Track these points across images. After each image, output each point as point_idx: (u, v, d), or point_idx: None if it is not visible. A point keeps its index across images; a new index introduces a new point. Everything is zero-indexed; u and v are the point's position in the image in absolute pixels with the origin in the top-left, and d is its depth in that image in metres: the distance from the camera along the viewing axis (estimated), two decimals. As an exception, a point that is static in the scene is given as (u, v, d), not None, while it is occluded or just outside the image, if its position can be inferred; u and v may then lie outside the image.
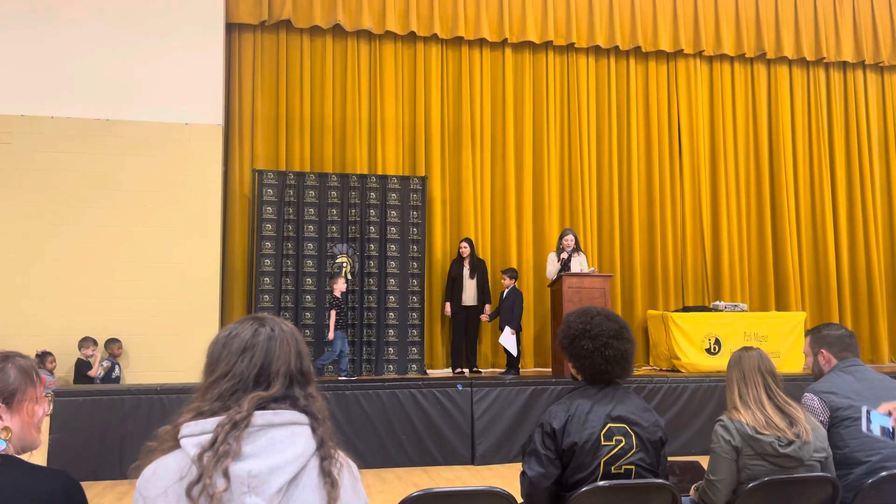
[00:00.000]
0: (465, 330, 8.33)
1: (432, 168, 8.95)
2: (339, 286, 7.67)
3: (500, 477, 6.00)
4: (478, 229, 8.98)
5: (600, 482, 2.36)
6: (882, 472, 2.69)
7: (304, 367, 1.55)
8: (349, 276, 8.23)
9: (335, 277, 7.81)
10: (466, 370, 8.29)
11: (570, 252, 7.84)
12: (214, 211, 8.03)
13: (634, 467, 2.41)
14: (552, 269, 7.95)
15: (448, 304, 8.36)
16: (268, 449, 1.40)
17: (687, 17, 9.61)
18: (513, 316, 7.81)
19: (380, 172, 8.75)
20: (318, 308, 8.19)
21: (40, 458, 5.76)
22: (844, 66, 10.15)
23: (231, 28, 8.64)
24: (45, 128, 7.70)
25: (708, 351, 8.13)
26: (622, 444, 2.40)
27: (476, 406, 6.70)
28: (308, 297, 8.19)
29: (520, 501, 2.46)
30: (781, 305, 9.52)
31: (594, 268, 8.18)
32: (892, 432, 2.42)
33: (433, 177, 8.91)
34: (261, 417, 1.42)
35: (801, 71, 10.05)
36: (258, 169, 8.37)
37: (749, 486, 2.56)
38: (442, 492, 2.38)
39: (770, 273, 9.61)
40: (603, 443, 2.39)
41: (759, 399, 2.67)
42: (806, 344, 3.30)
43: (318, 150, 8.79)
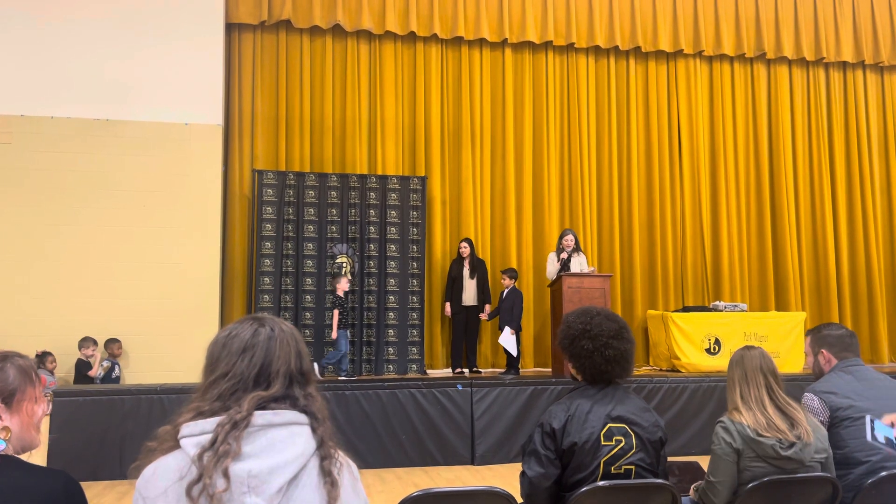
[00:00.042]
0: (464, 330, 8.33)
1: (432, 168, 8.95)
2: (341, 286, 7.68)
3: (500, 477, 5.99)
4: (478, 229, 8.97)
5: (600, 482, 2.36)
6: (882, 472, 2.68)
7: (303, 366, 1.55)
8: (350, 276, 8.22)
9: (338, 277, 7.82)
10: (466, 370, 8.29)
11: (570, 252, 7.84)
12: (214, 211, 8.03)
13: (634, 467, 2.41)
14: (552, 269, 7.95)
15: (448, 305, 8.36)
16: (268, 449, 1.40)
17: (687, 17, 9.61)
18: (512, 316, 7.81)
19: (380, 172, 8.75)
20: (317, 308, 8.19)
21: (40, 458, 5.76)
22: (844, 66, 10.15)
23: (231, 28, 8.64)
24: (45, 128, 7.70)
25: (708, 351, 8.13)
26: (622, 444, 2.40)
27: (476, 406, 6.69)
28: (308, 297, 8.19)
29: (519, 501, 2.45)
30: (781, 305, 9.52)
31: (594, 267, 8.18)
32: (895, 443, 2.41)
33: (433, 177, 8.91)
34: (261, 417, 1.42)
35: (801, 71, 10.05)
36: (258, 169, 8.38)
37: (749, 486, 2.55)
38: (442, 492, 2.38)
39: (770, 273, 9.61)
40: (603, 443, 2.39)
41: (761, 399, 2.66)
42: (806, 343, 3.30)
43: (317, 150, 8.79)
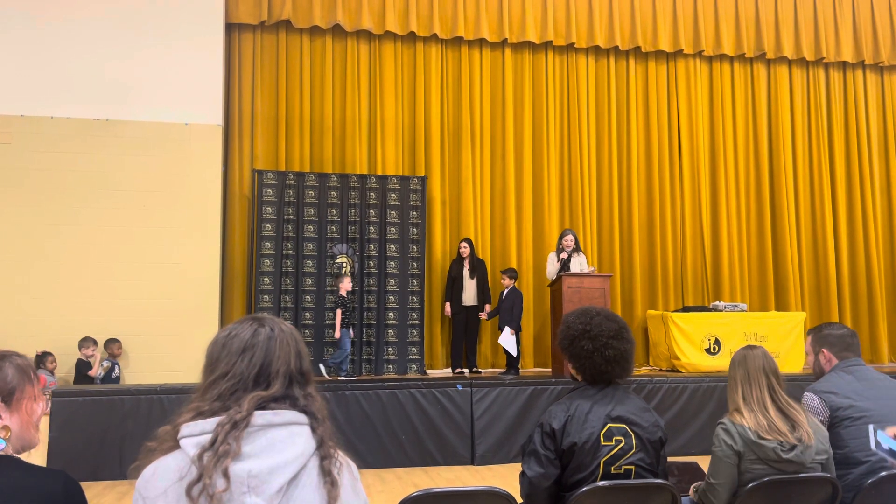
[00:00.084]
0: (464, 330, 8.32)
1: (432, 168, 8.95)
2: (344, 285, 7.70)
3: (500, 477, 6.00)
4: (477, 229, 8.97)
5: (600, 482, 2.36)
6: (882, 472, 2.68)
7: (303, 366, 1.55)
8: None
9: (341, 277, 7.83)
10: (466, 370, 8.29)
11: (570, 252, 7.84)
12: (214, 211, 8.03)
13: (634, 467, 2.41)
14: (552, 269, 7.95)
15: (448, 305, 8.36)
16: (268, 449, 1.40)
17: (686, 17, 9.61)
18: (512, 316, 7.81)
19: (379, 172, 8.75)
20: (317, 308, 8.19)
21: (40, 458, 5.76)
22: (844, 66, 10.15)
23: (231, 28, 8.64)
24: (45, 128, 7.70)
25: (708, 351, 8.13)
26: (622, 444, 2.40)
27: (476, 406, 6.69)
28: (308, 297, 8.19)
29: (519, 501, 2.45)
30: (781, 305, 9.52)
31: (594, 267, 8.18)
32: None
33: (433, 177, 8.91)
34: (260, 417, 1.42)
35: (801, 71, 10.05)
36: (258, 169, 8.37)
37: (749, 486, 2.55)
38: (442, 492, 2.38)
39: (770, 273, 9.61)
40: (602, 443, 2.39)
41: (763, 400, 2.64)
42: (807, 343, 3.29)
43: (317, 151, 8.79)
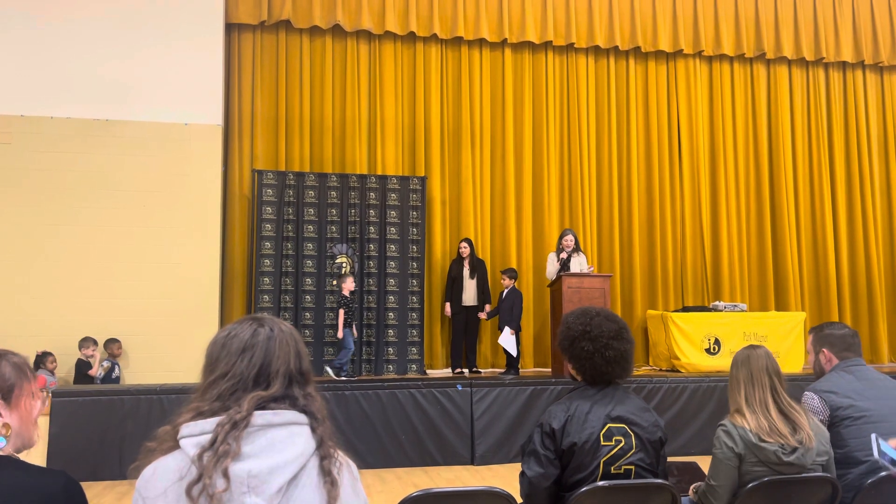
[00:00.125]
0: (464, 330, 8.32)
1: (432, 168, 8.95)
2: (347, 285, 7.71)
3: (500, 477, 6.00)
4: (477, 229, 8.97)
5: (600, 482, 2.36)
6: (882, 472, 2.68)
7: (303, 366, 1.55)
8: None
9: (344, 277, 7.84)
10: (466, 370, 8.28)
11: (570, 252, 7.84)
12: (214, 211, 8.03)
13: (634, 467, 2.41)
14: (552, 269, 7.95)
15: (448, 305, 8.36)
16: (267, 449, 1.40)
17: (686, 17, 9.61)
18: (512, 316, 7.81)
19: (379, 172, 8.75)
20: (317, 308, 8.19)
21: (40, 458, 5.76)
22: (844, 66, 10.15)
23: (231, 28, 8.64)
24: (45, 128, 7.70)
25: (707, 351, 8.13)
26: (622, 444, 2.40)
27: (476, 406, 6.70)
28: (307, 297, 8.19)
29: (519, 502, 2.45)
30: (781, 305, 9.52)
31: (591, 267, 8.17)
32: None
33: (433, 177, 8.91)
34: (260, 417, 1.42)
35: (801, 71, 10.05)
36: (258, 169, 8.37)
37: (749, 486, 2.55)
38: (441, 492, 2.38)
39: (770, 273, 9.61)
40: (602, 443, 2.39)
41: (765, 402, 2.63)
42: (808, 342, 3.30)
43: (317, 151, 8.79)
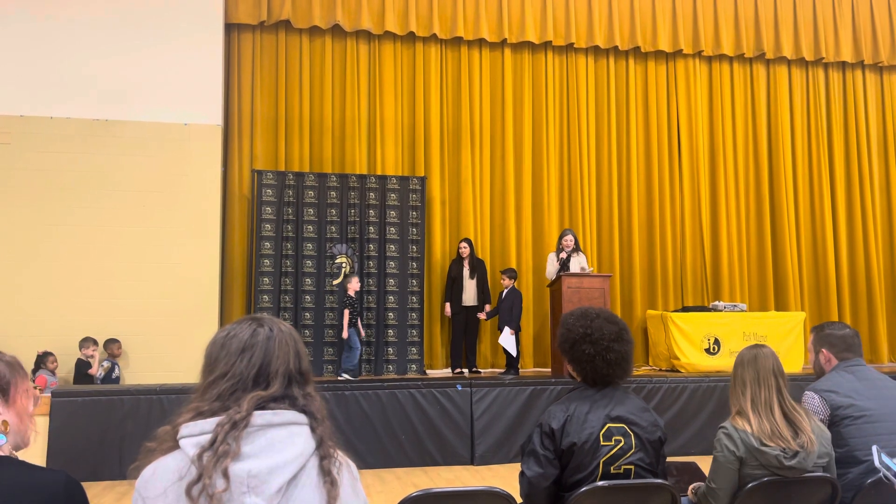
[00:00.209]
0: (464, 330, 8.32)
1: (431, 168, 8.95)
2: (352, 285, 7.71)
3: (500, 477, 6.00)
4: (477, 229, 8.97)
5: (599, 482, 2.36)
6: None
7: (302, 366, 1.55)
8: (345, 275, 8.21)
9: (349, 277, 7.84)
10: (466, 370, 8.28)
11: (570, 252, 7.84)
12: (214, 211, 8.03)
13: (634, 467, 2.41)
14: (551, 269, 7.95)
15: (448, 305, 8.35)
16: (267, 449, 1.40)
17: (686, 17, 9.61)
18: (512, 316, 7.81)
19: (379, 173, 8.75)
20: (317, 308, 8.19)
21: (39, 458, 5.76)
22: (843, 66, 10.15)
23: (230, 28, 8.63)
24: (44, 128, 7.69)
25: (707, 351, 8.13)
26: (621, 444, 2.40)
27: (475, 406, 6.70)
28: (307, 297, 8.19)
29: (519, 502, 2.45)
30: (781, 305, 9.52)
31: (591, 268, 8.16)
32: None
33: (432, 177, 8.91)
34: (260, 417, 1.43)
35: (801, 71, 10.05)
36: (257, 169, 8.37)
37: (749, 486, 2.55)
38: (441, 492, 2.38)
39: (769, 273, 9.61)
40: (602, 443, 2.38)
41: (770, 403, 2.61)
42: (809, 341, 3.30)
43: (317, 151, 8.79)
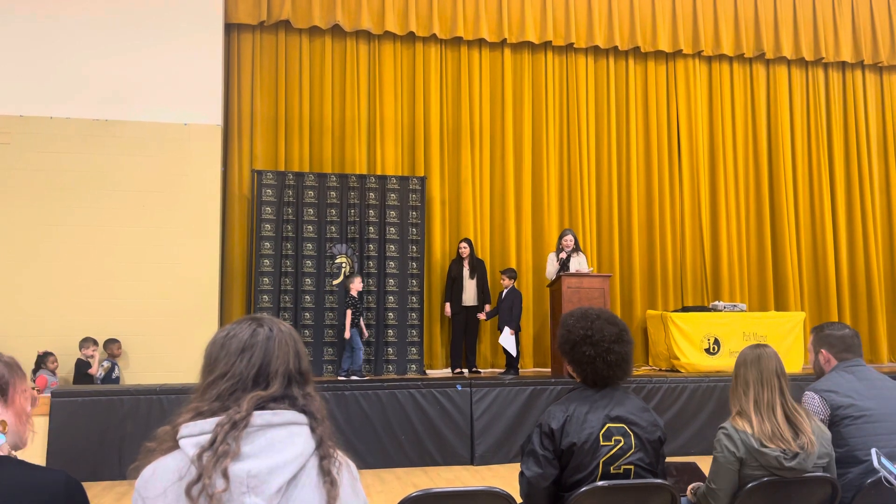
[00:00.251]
0: (464, 330, 8.32)
1: (431, 168, 8.95)
2: (355, 286, 7.71)
3: (500, 477, 6.00)
4: (477, 229, 8.97)
5: (599, 482, 2.36)
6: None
7: (302, 366, 1.55)
8: (347, 276, 8.21)
9: (351, 277, 7.84)
10: (466, 370, 8.28)
11: (570, 252, 7.84)
12: (213, 211, 8.03)
13: (633, 467, 2.41)
14: (551, 269, 7.95)
15: (448, 305, 8.35)
16: (267, 449, 1.40)
17: (686, 17, 9.61)
18: (512, 316, 7.81)
19: (379, 173, 8.75)
20: (316, 308, 8.19)
21: (39, 458, 5.76)
22: (843, 66, 10.15)
23: (230, 28, 8.63)
24: (44, 128, 7.69)
25: (707, 351, 8.13)
26: (621, 444, 2.40)
27: (475, 406, 6.70)
28: (307, 297, 8.18)
29: (519, 502, 2.45)
30: (780, 305, 9.52)
31: (591, 268, 8.17)
32: None
33: (432, 177, 8.91)
34: (260, 417, 1.43)
35: (800, 71, 10.05)
36: (257, 169, 8.37)
37: (748, 486, 2.55)
38: (441, 492, 2.38)
39: (769, 273, 9.61)
40: (602, 443, 2.38)
41: (773, 405, 2.60)
42: (809, 341, 3.30)
43: (317, 151, 8.79)
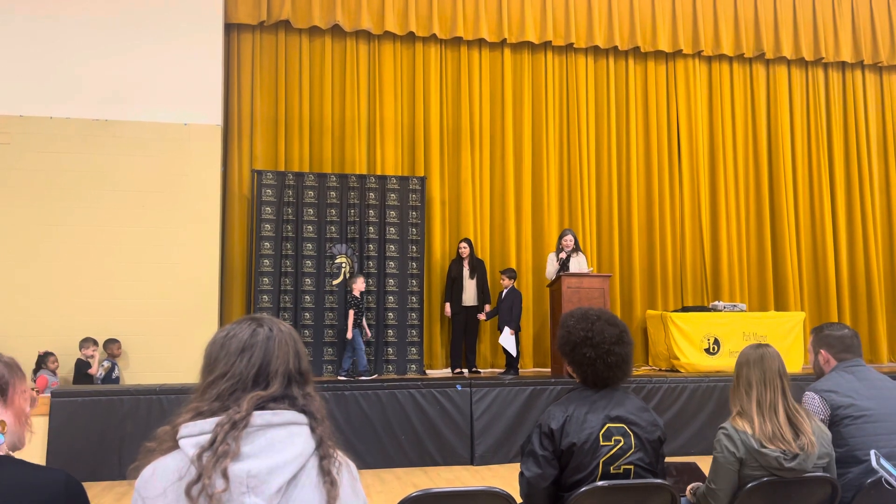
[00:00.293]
0: (464, 330, 8.32)
1: (431, 168, 8.95)
2: (357, 286, 7.71)
3: (500, 477, 6.00)
4: (477, 229, 8.97)
5: (599, 482, 2.36)
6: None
7: (302, 366, 1.55)
8: (347, 276, 8.21)
9: (354, 277, 7.84)
10: (465, 370, 8.28)
11: (570, 252, 7.84)
12: (213, 211, 8.03)
13: (633, 467, 2.41)
14: (551, 269, 7.95)
15: (448, 305, 8.35)
16: (267, 449, 1.40)
17: (686, 17, 9.61)
18: (512, 316, 7.81)
19: (379, 173, 8.74)
20: (316, 308, 8.18)
21: (39, 458, 5.76)
22: (843, 66, 10.15)
23: (230, 28, 8.63)
24: (44, 128, 7.69)
25: (707, 351, 8.13)
26: (621, 444, 2.40)
27: (475, 406, 6.70)
28: (307, 297, 8.18)
29: (519, 502, 2.45)
30: (780, 305, 9.52)
31: (591, 268, 8.17)
32: None
33: (432, 177, 8.91)
34: (259, 417, 1.43)
35: (800, 71, 10.05)
36: (257, 169, 8.37)
37: (748, 486, 2.55)
38: (441, 492, 2.38)
39: (769, 273, 9.61)
40: (602, 443, 2.39)
41: (775, 405, 2.60)
42: (809, 342, 3.31)
43: (317, 151, 8.79)
